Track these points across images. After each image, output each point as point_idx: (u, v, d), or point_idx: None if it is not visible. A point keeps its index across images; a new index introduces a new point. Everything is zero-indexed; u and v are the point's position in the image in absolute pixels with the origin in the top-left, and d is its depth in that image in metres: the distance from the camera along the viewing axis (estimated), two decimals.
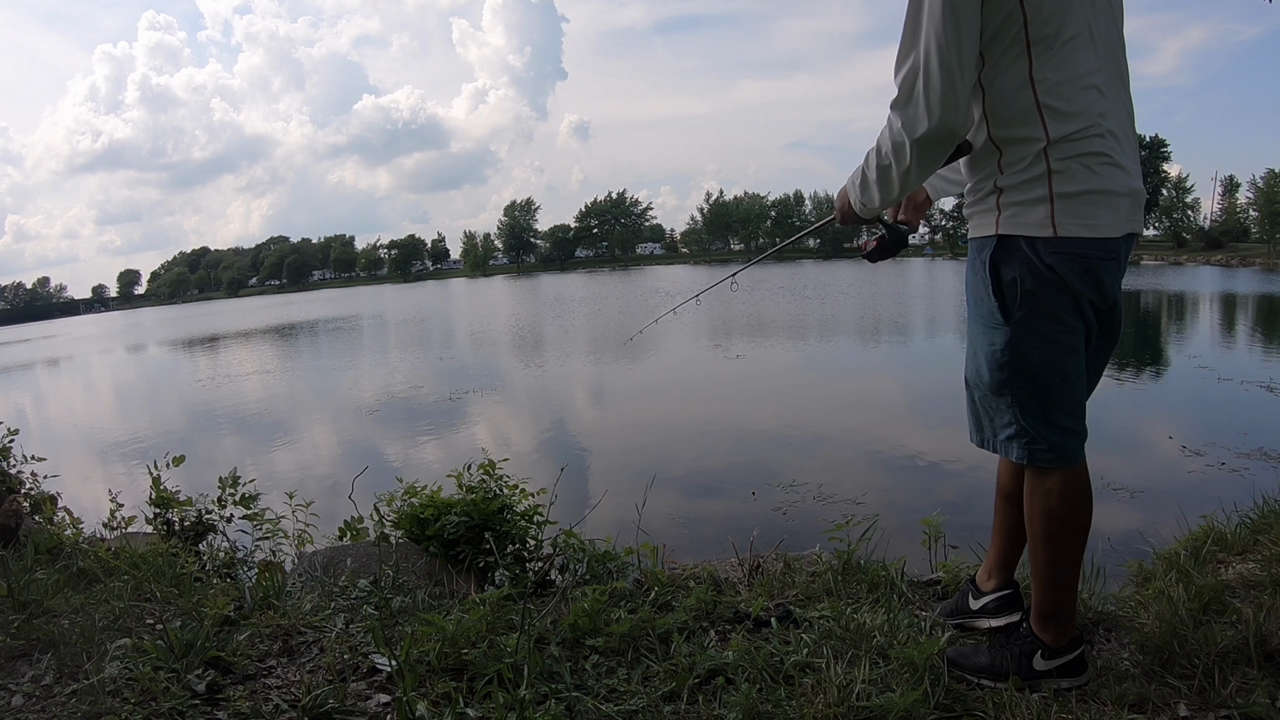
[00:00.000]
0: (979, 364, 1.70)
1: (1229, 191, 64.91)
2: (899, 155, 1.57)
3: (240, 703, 1.66)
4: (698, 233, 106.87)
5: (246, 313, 53.54)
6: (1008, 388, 1.64)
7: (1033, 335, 1.61)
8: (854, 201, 1.75)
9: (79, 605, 2.16)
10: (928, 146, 1.53)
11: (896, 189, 1.64)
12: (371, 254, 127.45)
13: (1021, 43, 1.53)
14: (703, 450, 7.60)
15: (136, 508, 3.50)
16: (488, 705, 1.62)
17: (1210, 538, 2.73)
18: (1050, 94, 1.55)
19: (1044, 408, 1.63)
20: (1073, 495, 1.66)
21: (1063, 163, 1.55)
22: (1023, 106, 1.56)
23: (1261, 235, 54.36)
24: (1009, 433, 1.67)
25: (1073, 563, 1.70)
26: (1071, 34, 1.55)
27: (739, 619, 2.08)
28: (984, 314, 1.66)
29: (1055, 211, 1.56)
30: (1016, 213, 1.59)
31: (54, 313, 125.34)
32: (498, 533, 2.96)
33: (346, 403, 12.23)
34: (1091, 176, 1.56)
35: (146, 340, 35.13)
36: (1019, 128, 1.57)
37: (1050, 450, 1.64)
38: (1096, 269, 1.60)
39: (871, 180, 1.66)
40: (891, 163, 1.59)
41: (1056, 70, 1.54)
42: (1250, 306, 21.38)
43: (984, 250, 1.64)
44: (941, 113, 1.49)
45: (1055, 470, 1.65)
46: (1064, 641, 1.70)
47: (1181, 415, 8.11)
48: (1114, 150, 1.57)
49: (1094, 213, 1.57)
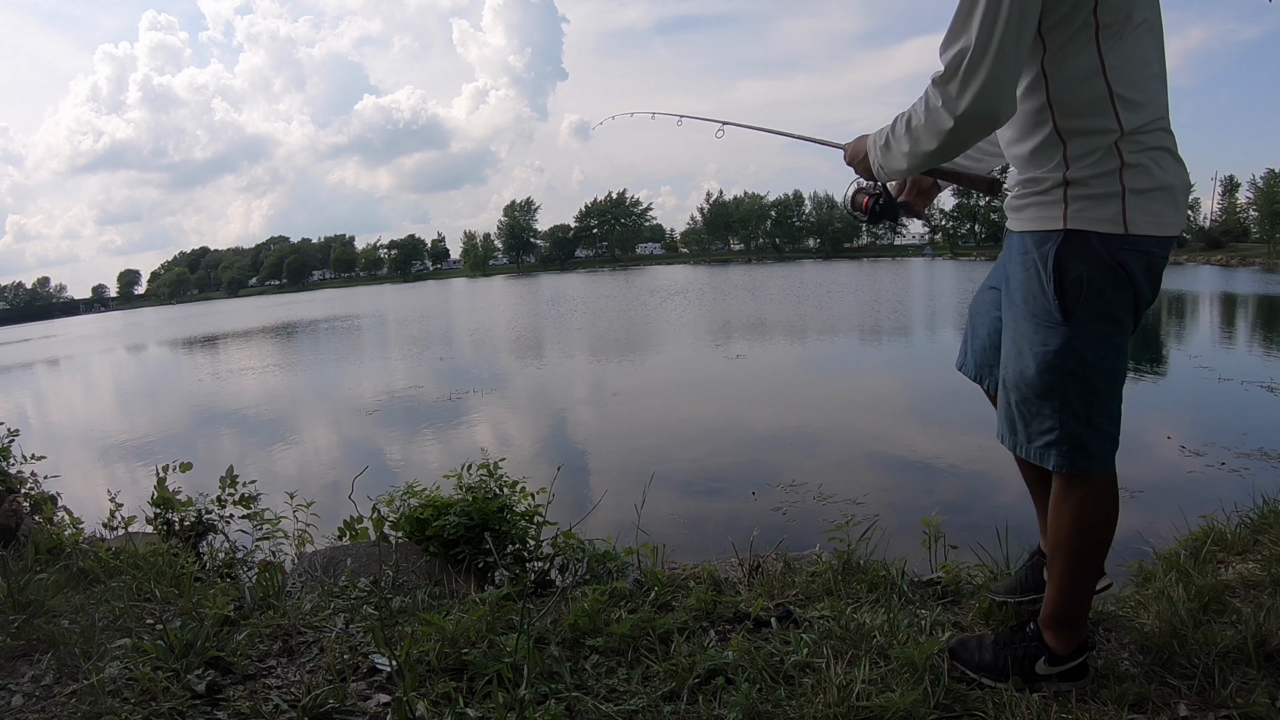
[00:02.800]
0: (1024, 364, 1.61)
1: (1229, 191, 64.90)
2: (931, 131, 1.52)
3: (240, 703, 1.66)
4: (698, 233, 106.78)
5: (246, 313, 53.54)
6: (1056, 391, 1.57)
7: (1090, 336, 1.55)
8: (872, 159, 1.70)
9: (79, 605, 2.16)
10: (965, 128, 1.48)
11: (919, 162, 1.60)
12: (371, 254, 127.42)
13: (1091, 27, 1.46)
14: (703, 450, 7.60)
15: (137, 508, 3.50)
16: (488, 705, 1.62)
17: (1210, 538, 2.72)
18: (1123, 83, 1.48)
19: (1089, 411, 1.58)
20: (1104, 505, 1.63)
21: (1135, 156, 1.49)
22: (1095, 95, 1.49)
23: (1261, 235, 54.34)
24: (1049, 438, 1.60)
25: (1093, 572, 1.67)
26: (1139, 20, 1.49)
27: (739, 619, 2.08)
28: (1037, 312, 1.58)
29: (1127, 207, 1.50)
30: (1087, 207, 1.51)
31: (54, 313, 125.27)
32: (497, 533, 2.96)
33: (346, 402, 12.23)
34: (1160, 172, 1.52)
35: (146, 340, 35.13)
36: (1090, 118, 1.50)
37: (1089, 457, 1.59)
38: (1158, 267, 1.57)
39: (896, 147, 1.61)
40: (922, 136, 1.55)
41: (1127, 58, 1.48)
42: (1250, 306, 21.38)
43: (1046, 244, 1.55)
44: (988, 96, 1.43)
45: (1089, 479, 1.61)
46: (1071, 648, 1.68)
47: (1181, 415, 8.12)
48: (1174, 145, 1.54)
49: (1161, 210, 1.52)
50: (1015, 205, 1.63)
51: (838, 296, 28.02)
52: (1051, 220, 1.54)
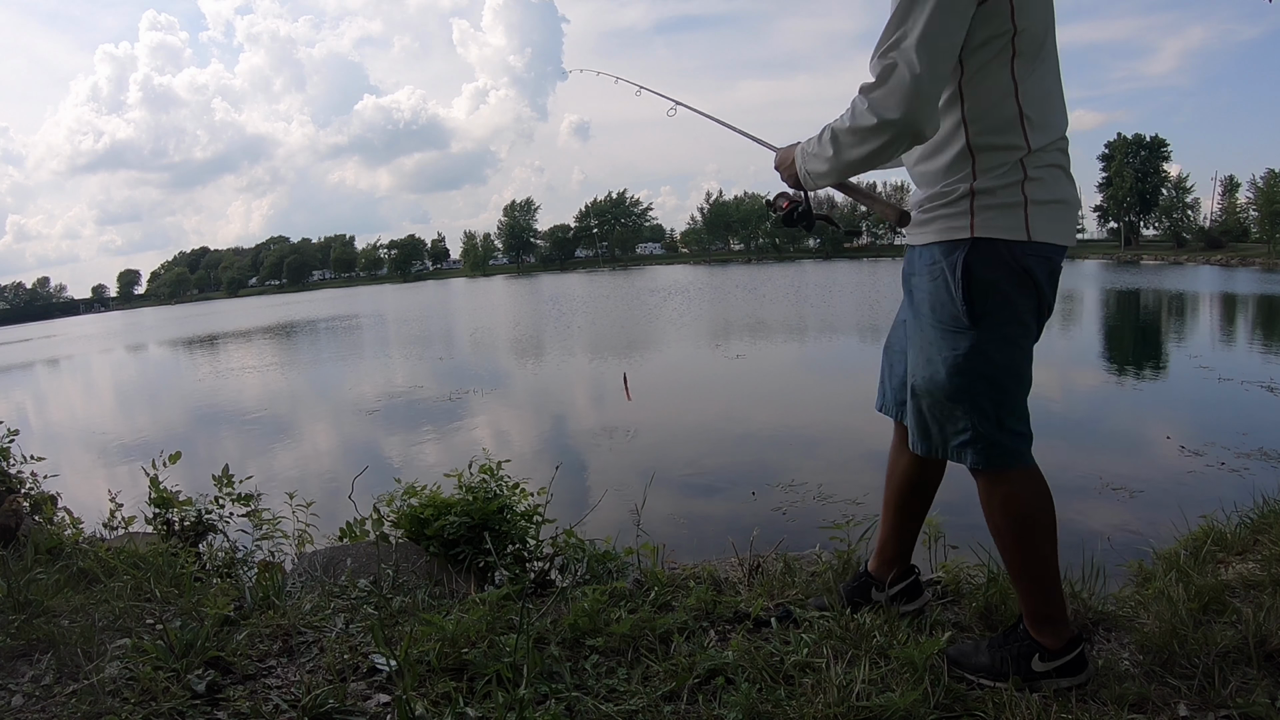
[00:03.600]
0: (934, 370, 1.67)
1: (1229, 191, 65.01)
2: (858, 138, 1.56)
3: (240, 703, 1.66)
4: (698, 233, 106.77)
5: (246, 312, 53.55)
6: (966, 393, 1.63)
7: (998, 339, 1.62)
8: (799, 167, 1.74)
9: (79, 605, 2.16)
10: (894, 138, 1.53)
11: (843, 168, 1.64)
12: (371, 254, 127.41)
13: (1009, 53, 1.55)
14: (703, 450, 7.60)
15: (136, 508, 3.50)
16: (487, 705, 1.62)
17: (1210, 538, 2.73)
18: (1032, 105, 1.59)
19: (999, 412, 1.64)
20: (1030, 495, 1.68)
21: (1037, 171, 1.59)
22: (1007, 115, 1.58)
23: (1261, 235, 54.35)
24: (963, 439, 1.66)
25: (1049, 561, 1.70)
26: (1049, 48, 1.61)
27: (739, 619, 2.08)
28: (945, 319, 1.65)
29: (1029, 216, 1.59)
30: (993, 216, 1.60)
31: (54, 313, 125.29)
32: (497, 533, 2.96)
33: (346, 402, 12.23)
34: (1057, 186, 1.63)
35: (146, 340, 35.13)
36: (1001, 135, 1.59)
37: (1004, 453, 1.65)
38: (1057, 273, 1.67)
39: (821, 153, 1.65)
40: (848, 143, 1.58)
41: (1037, 83, 1.59)
42: (1250, 306, 21.38)
43: (954, 253, 1.62)
44: (916, 107, 1.48)
45: (1010, 472, 1.66)
46: (1062, 642, 1.69)
47: (1181, 415, 8.11)
48: (1068, 164, 1.65)
49: (1058, 220, 1.63)
50: (921, 220, 1.69)
51: (838, 296, 28.02)
52: (959, 230, 1.62)
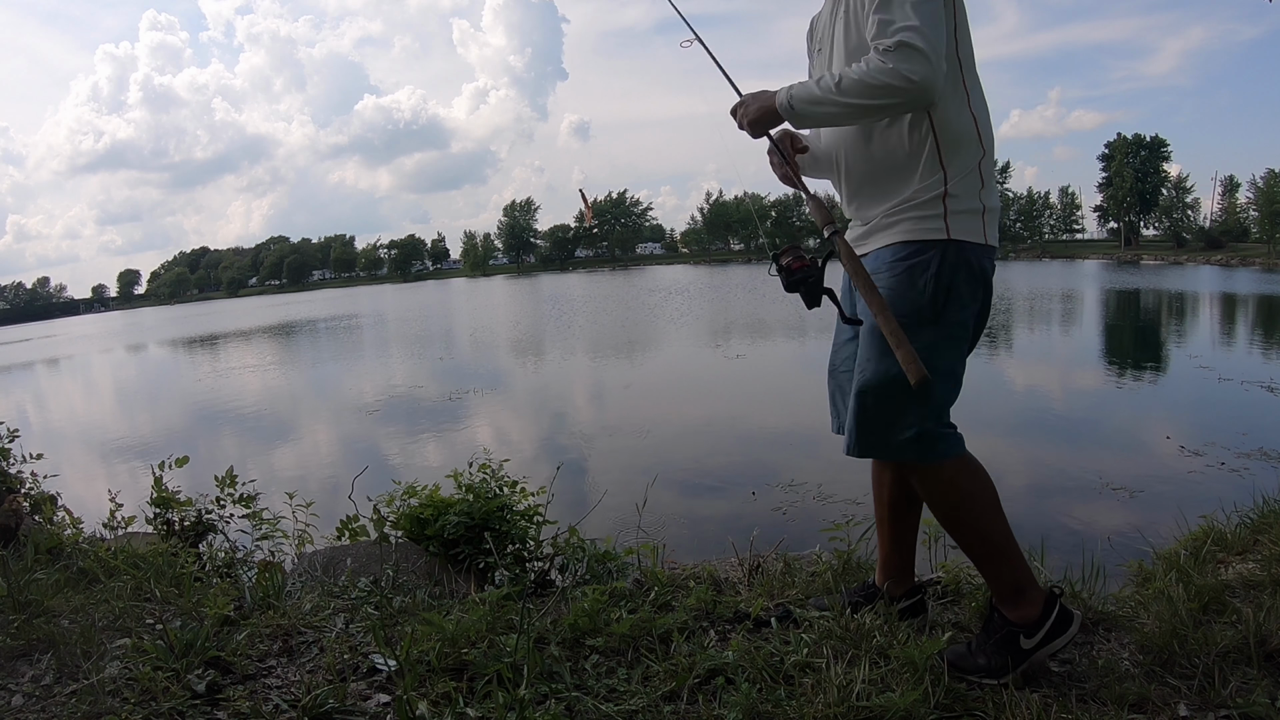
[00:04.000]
0: (889, 364, 1.62)
1: (1229, 191, 65.05)
2: (872, 93, 1.57)
3: (240, 703, 1.66)
4: (698, 233, 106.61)
5: (246, 312, 53.55)
6: (921, 389, 1.57)
7: (948, 338, 1.69)
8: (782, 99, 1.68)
9: (79, 605, 2.16)
10: (907, 100, 1.57)
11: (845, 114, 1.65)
12: (371, 254, 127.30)
13: (957, 66, 1.65)
14: (703, 450, 7.60)
15: (136, 508, 3.50)
16: (488, 705, 1.62)
17: (1210, 538, 2.73)
18: (980, 112, 1.70)
19: (940, 409, 1.70)
20: (968, 476, 1.73)
21: (987, 177, 1.70)
22: (965, 124, 1.68)
23: (1261, 235, 54.36)
24: (909, 434, 1.68)
25: (1004, 534, 1.74)
26: (975, 60, 1.72)
27: (739, 619, 2.08)
28: (905, 313, 1.64)
29: (985, 222, 1.70)
30: (961, 220, 1.67)
31: (54, 313, 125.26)
32: (497, 532, 2.96)
33: (346, 402, 12.23)
34: (995, 193, 1.74)
35: (146, 340, 35.13)
36: (962, 143, 1.68)
37: (948, 444, 1.70)
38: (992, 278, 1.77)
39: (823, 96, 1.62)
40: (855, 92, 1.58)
41: (980, 97, 1.71)
42: (1250, 306, 21.38)
43: (928, 252, 1.66)
44: (936, 78, 1.55)
45: (947, 462, 1.71)
46: (1039, 608, 1.71)
47: (1181, 415, 8.11)
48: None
49: (996, 225, 1.74)
50: (886, 224, 1.74)
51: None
52: (934, 231, 1.67)
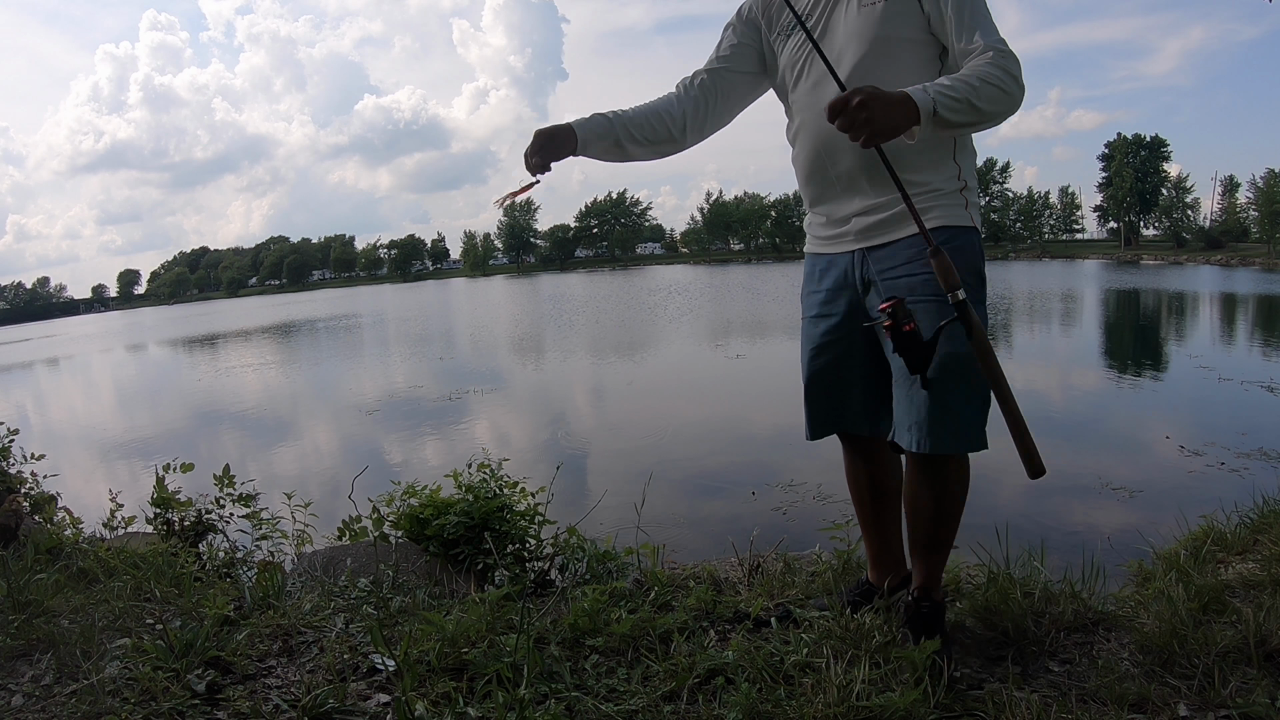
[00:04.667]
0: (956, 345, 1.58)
1: (1229, 191, 64.99)
2: (1004, 103, 1.59)
3: (240, 703, 1.66)
4: (698, 233, 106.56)
5: (246, 312, 53.54)
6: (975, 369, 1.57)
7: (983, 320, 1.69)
8: (931, 108, 1.50)
9: (79, 605, 2.16)
10: (1013, 109, 1.61)
11: (974, 120, 1.58)
12: (371, 254, 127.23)
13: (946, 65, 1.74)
14: (703, 450, 7.60)
15: (136, 508, 3.50)
16: (487, 705, 1.62)
17: (1210, 538, 2.73)
18: None
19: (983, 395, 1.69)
20: (967, 469, 1.81)
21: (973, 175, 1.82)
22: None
23: (1261, 235, 54.34)
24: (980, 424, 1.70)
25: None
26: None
27: (739, 619, 2.08)
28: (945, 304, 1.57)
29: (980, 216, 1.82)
30: (976, 212, 1.79)
31: (54, 312, 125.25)
32: (497, 532, 2.96)
33: (346, 402, 12.22)
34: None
35: (146, 340, 35.12)
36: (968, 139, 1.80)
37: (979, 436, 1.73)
38: None
39: (974, 101, 1.54)
40: (992, 98, 1.56)
41: None
42: (1250, 306, 21.38)
43: (961, 237, 1.73)
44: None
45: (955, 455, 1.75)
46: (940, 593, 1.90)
47: (1181, 415, 8.10)
48: None
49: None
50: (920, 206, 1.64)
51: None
52: (962, 218, 1.76)
